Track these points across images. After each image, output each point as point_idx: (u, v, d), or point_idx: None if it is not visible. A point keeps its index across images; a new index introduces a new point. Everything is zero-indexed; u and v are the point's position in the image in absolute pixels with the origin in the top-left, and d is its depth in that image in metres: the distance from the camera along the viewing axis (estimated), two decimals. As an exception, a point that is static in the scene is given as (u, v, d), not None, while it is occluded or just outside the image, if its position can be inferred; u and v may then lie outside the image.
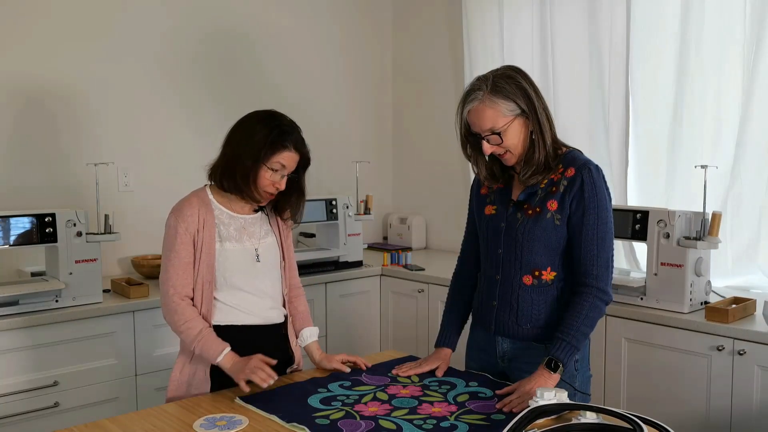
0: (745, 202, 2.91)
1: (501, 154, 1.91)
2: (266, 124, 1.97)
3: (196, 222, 1.96)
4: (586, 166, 1.88)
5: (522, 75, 1.89)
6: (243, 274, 2.01)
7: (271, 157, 1.94)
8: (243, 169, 1.94)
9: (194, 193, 2.04)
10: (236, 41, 3.76)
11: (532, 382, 1.80)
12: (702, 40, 2.97)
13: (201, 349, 1.92)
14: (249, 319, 2.02)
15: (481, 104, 1.85)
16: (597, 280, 1.87)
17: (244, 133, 1.97)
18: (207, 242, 1.96)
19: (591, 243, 1.87)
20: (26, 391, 2.57)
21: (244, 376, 1.84)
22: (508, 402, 1.77)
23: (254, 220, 2.06)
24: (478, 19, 3.81)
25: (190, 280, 1.96)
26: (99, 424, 1.71)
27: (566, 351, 1.83)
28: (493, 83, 1.85)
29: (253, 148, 1.93)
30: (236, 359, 1.90)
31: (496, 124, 1.85)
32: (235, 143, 1.98)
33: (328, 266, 3.49)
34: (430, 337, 3.35)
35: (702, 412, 2.48)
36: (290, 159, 1.97)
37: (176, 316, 1.93)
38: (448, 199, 4.16)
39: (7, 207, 2.97)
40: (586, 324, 1.86)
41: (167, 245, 1.98)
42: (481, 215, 2.05)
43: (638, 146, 3.24)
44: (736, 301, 2.61)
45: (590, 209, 1.86)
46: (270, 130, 1.95)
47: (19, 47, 3.10)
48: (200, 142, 3.63)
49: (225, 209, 2.02)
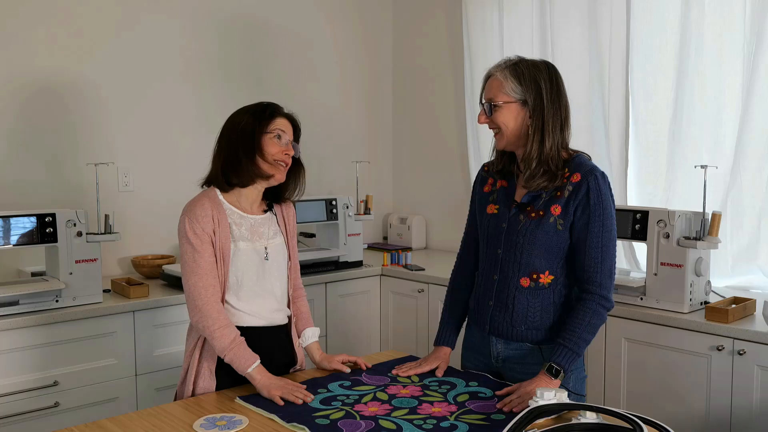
0: (745, 202, 2.91)
1: (494, 132, 1.95)
2: (246, 109, 2.02)
3: (211, 222, 1.94)
4: (592, 172, 1.88)
5: (551, 73, 1.92)
6: (254, 274, 2.00)
7: (267, 125, 1.97)
8: (246, 151, 1.95)
9: (204, 194, 2.01)
10: (236, 41, 3.76)
11: (532, 385, 1.81)
12: (702, 40, 2.97)
13: (232, 358, 1.90)
14: (254, 321, 2.01)
15: (496, 73, 1.91)
16: (600, 287, 1.88)
17: (232, 126, 2.00)
18: (223, 242, 1.95)
19: (595, 251, 1.87)
20: (26, 391, 2.57)
21: (282, 393, 1.83)
22: (509, 402, 1.77)
23: (263, 221, 2.05)
24: (478, 19, 3.82)
25: (218, 280, 1.95)
26: (99, 424, 1.71)
27: (567, 357, 1.84)
28: (516, 63, 1.90)
29: (246, 128, 1.97)
30: (265, 373, 1.90)
31: (495, 97, 1.90)
32: (226, 139, 2.00)
33: (328, 266, 3.49)
34: (430, 337, 3.35)
35: (702, 412, 2.48)
36: (285, 125, 2.01)
37: (209, 321, 1.90)
38: (448, 199, 4.16)
39: (8, 207, 2.97)
40: (587, 331, 1.86)
41: (188, 249, 1.94)
42: (482, 214, 2.04)
43: (638, 146, 3.24)
44: (736, 301, 2.61)
45: (595, 217, 1.86)
46: (253, 109, 2.00)
47: (20, 46, 3.10)
48: (200, 142, 3.63)
49: (235, 209, 2.01)
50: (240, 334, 1.93)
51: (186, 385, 1.99)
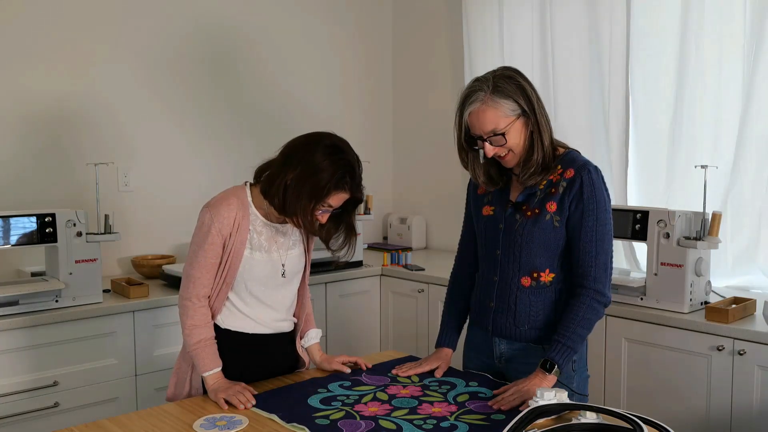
0: (745, 202, 2.91)
1: (502, 156, 1.89)
2: (333, 161, 1.86)
3: (231, 225, 1.91)
4: (585, 167, 1.87)
5: (520, 75, 1.88)
6: (266, 286, 1.99)
7: (327, 198, 1.87)
8: (299, 204, 1.86)
9: (234, 192, 1.97)
10: (237, 42, 3.76)
11: (527, 382, 1.81)
12: (702, 40, 2.96)
13: (195, 356, 1.91)
14: (259, 329, 2.01)
15: (483, 105, 1.82)
16: (595, 281, 1.86)
17: (308, 165, 1.85)
18: (237, 248, 1.93)
19: (589, 244, 1.86)
20: (26, 391, 2.57)
21: (225, 395, 1.82)
22: (500, 399, 1.78)
23: (286, 228, 2.02)
24: (478, 19, 3.81)
25: (211, 280, 1.94)
26: (99, 424, 1.71)
27: (562, 353, 1.83)
28: (494, 83, 1.82)
29: (315, 187, 1.84)
30: (221, 380, 1.89)
31: (499, 125, 1.82)
32: (296, 171, 1.86)
33: (328, 266, 3.49)
34: (430, 337, 3.35)
35: (702, 412, 2.48)
36: (342, 199, 1.91)
37: (186, 316, 1.93)
38: (448, 199, 4.16)
39: (8, 207, 2.97)
40: (582, 326, 1.85)
41: (197, 241, 1.93)
42: (479, 216, 2.04)
43: (638, 146, 3.24)
44: (736, 301, 2.61)
45: (589, 210, 1.85)
46: (335, 169, 1.85)
47: (19, 49, 3.10)
48: (200, 142, 3.63)
49: (261, 216, 1.97)
50: (213, 338, 1.94)
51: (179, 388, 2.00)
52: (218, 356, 1.93)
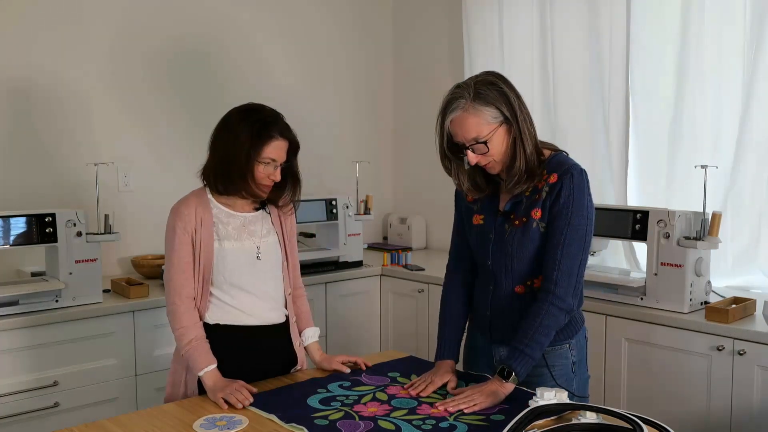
0: (745, 202, 2.91)
1: (485, 164, 1.84)
2: (248, 120, 1.96)
3: (194, 221, 1.97)
4: (568, 171, 1.81)
5: (503, 80, 1.82)
6: (244, 273, 2.01)
7: (260, 151, 1.94)
8: (237, 170, 1.95)
9: (193, 193, 2.05)
10: (237, 41, 3.76)
11: (481, 387, 1.79)
12: (702, 40, 2.96)
13: (188, 357, 1.93)
14: (249, 320, 2.02)
15: (465, 112, 1.77)
16: (556, 286, 1.78)
17: (229, 135, 1.97)
18: (205, 241, 1.97)
19: (555, 247, 1.80)
20: (26, 391, 2.57)
21: (223, 394, 1.82)
22: (449, 401, 1.76)
23: (255, 218, 2.06)
24: (478, 19, 3.81)
25: (191, 280, 1.97)
26: (99, 424, 1.71)
27: (521, 360, 1.77)
28: (475, 90, 1.77)
29: (242, 147, 1.93)
30: (219, 378, 1.90)
31: (481, 133, 1.77)
32: (222, 146, 1.99)
33: (328, 266, 3.49)
34: (430, 337, 3.35)
35: (702, 412, 2.48)
36: (279, 149, 1.97)
37: (174, 321, 1.96)
38: (448, 199, 4.09)
39: (7, 207, 2.97)
40: (540, 333, 1.78)
41: (168, 246, 2.00)
42: (470, 225, 2.00)
43: (638, 146, 3.24)
44: (736, 301, 2.61)
45: (562, 213, 1.79)
46: (252, 124, 1.95)
47: (19, 47, 3.10)
48: (200, 142, 3.62)
49: (224, 207, 2.02)
50: (204, 336, 1.95)
51: (175, 387, 2.01)
52: (211, 354, 1.93)
